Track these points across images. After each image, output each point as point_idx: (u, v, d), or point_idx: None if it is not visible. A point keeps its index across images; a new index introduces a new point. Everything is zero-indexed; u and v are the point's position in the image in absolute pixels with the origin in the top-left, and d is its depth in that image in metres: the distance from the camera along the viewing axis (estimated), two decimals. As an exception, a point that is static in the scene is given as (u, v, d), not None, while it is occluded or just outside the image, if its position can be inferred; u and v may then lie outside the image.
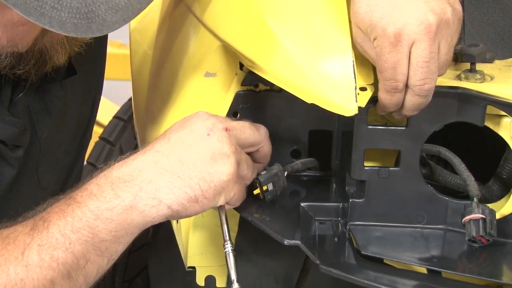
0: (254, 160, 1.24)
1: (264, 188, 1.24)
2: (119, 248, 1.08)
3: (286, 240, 1.16)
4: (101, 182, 1.08)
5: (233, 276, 1.14)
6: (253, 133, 1.21)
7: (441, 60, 1.10)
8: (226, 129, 1.15)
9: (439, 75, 1.11)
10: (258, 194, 1.25)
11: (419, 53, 1.07)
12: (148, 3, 1.08)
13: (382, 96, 1.12)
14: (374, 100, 1.15)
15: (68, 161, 1.48)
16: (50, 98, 1.32)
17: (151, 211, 1.08)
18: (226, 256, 1.16)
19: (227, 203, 1.17)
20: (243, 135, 1.19)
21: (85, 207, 1.05)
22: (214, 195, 1.12)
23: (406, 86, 1.10)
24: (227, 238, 1.17)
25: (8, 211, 1.11)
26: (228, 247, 1.16)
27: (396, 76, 1.09)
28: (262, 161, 1.26)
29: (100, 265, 1.07)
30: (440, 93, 1.16)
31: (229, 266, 1.15)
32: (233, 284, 1.13)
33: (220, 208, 1.18)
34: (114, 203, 1.06)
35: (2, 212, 1.12)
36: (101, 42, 1.42)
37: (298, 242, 1.15)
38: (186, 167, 1.10)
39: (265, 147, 1.24)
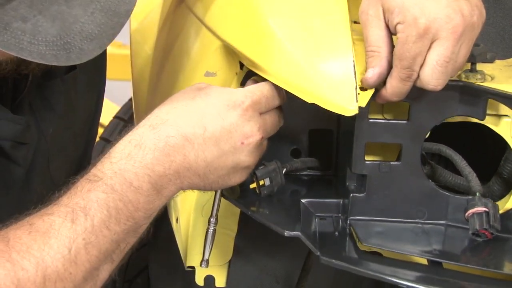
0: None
1: (261, 183, 1.24)
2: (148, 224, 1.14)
3: (287, 232, 1.16)
4: (139, 171, 1.09)
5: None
6: (280, 119, 1.22)
7: (458, 62, 1.10)
8: (262, 138, 1.17)
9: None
10: (255, 188, 1.25)
11: (441, 51, 1.06)
12: (121, 27, 1.10)
13: (395, 83, 1.11)
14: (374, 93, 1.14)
15: (77, 155, 1.49)
16: (52, 94, 1.33)
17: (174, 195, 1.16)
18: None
19: None
20: (274, 130, 1.21)
21: (126, 198, 1.08)
22: (216, 189, 1.22)
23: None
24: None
25: (22, 210, 1.11)
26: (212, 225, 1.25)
27: (414, 67, 1.08)
28: None
29: (133, 243, 1.13)
30: None
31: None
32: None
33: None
34: (152, 197, 1.10)
35: (16, 210, 1.11)
36: None
37: (298, 233, 1.15)
38: (208, 170, 1.14)
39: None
